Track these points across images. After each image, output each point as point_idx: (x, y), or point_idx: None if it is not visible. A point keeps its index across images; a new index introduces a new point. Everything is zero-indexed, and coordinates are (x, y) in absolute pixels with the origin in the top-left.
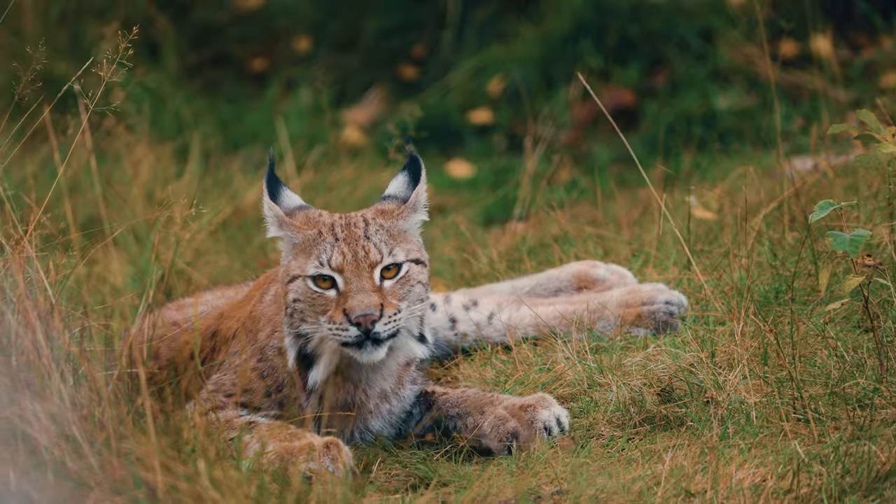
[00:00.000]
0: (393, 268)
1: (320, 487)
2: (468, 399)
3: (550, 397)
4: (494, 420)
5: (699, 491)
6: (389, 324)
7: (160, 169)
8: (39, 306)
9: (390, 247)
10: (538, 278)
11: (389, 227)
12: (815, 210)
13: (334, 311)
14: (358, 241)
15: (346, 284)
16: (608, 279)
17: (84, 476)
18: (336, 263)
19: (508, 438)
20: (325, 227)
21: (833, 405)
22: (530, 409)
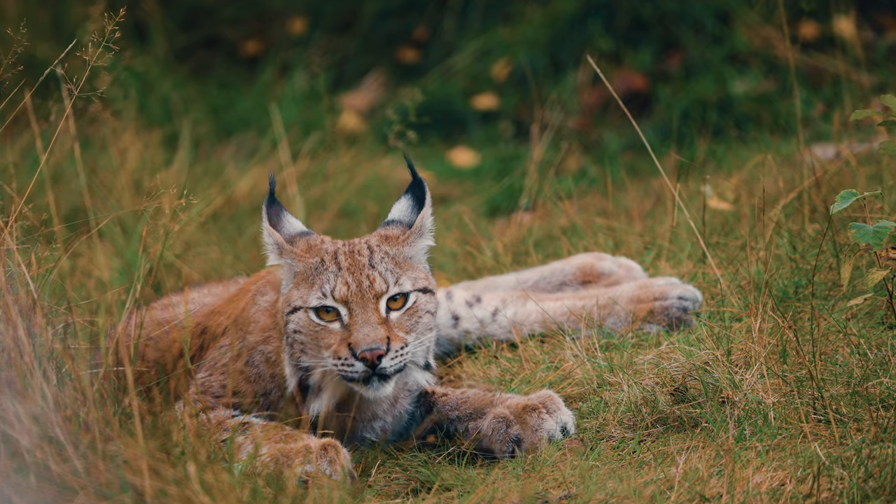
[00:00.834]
0: (399, 298)
1: (317, 491)
2: (468, 400)
3: (556, 397)
4: (495, 421)
5: (714, 495)
6: (396, 358)
7: (148, 157)
8: (21, 301)
9: (396, 276)
10: (542, 271)
11: (395, 255)
12: (836, 200)
13: (339, 346)
14: (362, 270)
15: (350, 317)
16: (615, 272)
17: (68, 480)
18: (340, 294)
19: (510, 444)
20: (327, 254)
21: (855, 405)
22: (535, 414)
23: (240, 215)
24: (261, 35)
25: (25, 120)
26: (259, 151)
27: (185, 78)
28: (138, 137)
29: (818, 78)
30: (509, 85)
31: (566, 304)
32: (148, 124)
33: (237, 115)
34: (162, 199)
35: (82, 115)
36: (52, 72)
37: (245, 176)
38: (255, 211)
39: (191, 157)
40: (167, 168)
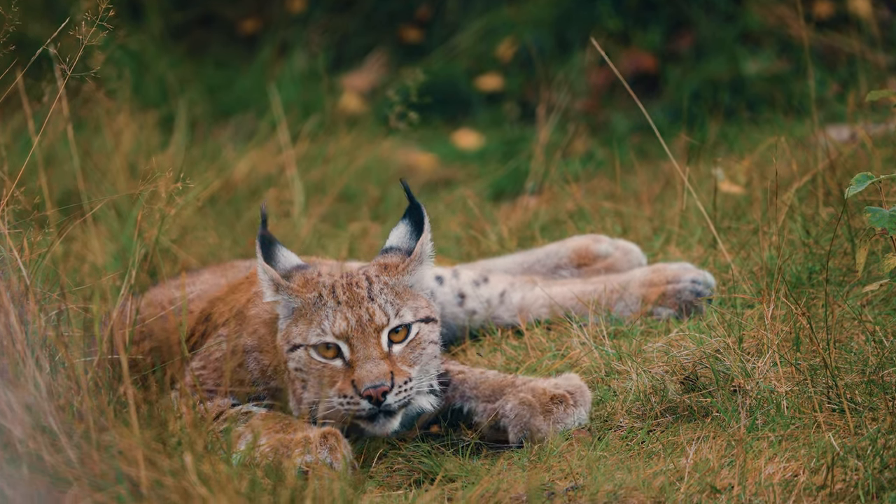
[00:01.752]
0: (401, 330)
1: (317, 482)
2: (487, 381)
3: (585, 388)
4: (520, 407)
5: (725, 486)
6: (401, 394)
7: (143, 139)
8: (13, 287)
9: (397, 307)
10: (537, 254)
11: (394, 285)
12: (851, 183)
13: (343, 383)
14: (361, 304)
15: (352, 353)
16: (612, 254)
17: (62, 470)
18: (340, 330)
19: (526, 432)
20: (325, 288)
21: (870, 394)
22: (562, 406)
23: (238, 199)
24: (259, 13)
25: (17, 101)
26: (258, 133)
27: (182, 57)
28: (133, 119)
29: (833, 58)
30: (514, 65)
31: (575, 289)
32: (143, 105)
33: (235, 95)
34: (158, 182)
35: (75, 95)
36: (45, 51)
37: (243, 158)
38: (253, 194)
39: (187, 139)
40: (163, 150)
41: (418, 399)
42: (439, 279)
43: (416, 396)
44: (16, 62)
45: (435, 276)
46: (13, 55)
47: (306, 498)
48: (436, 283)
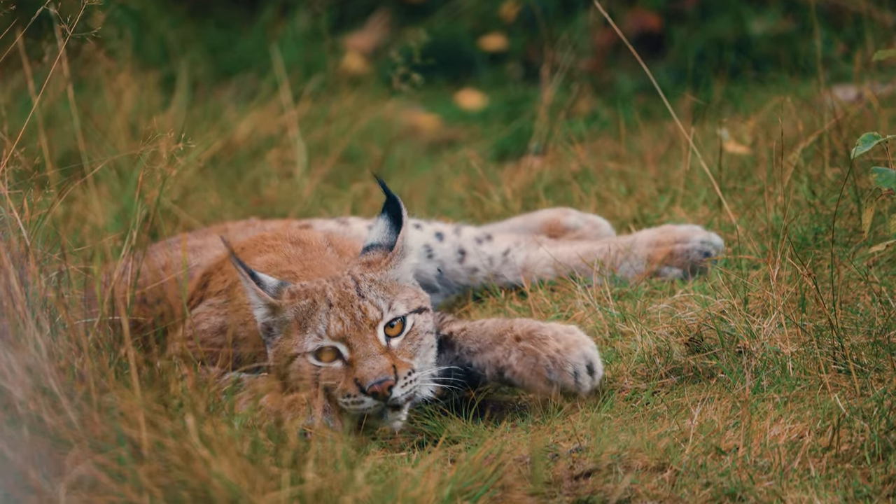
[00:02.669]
0: (397, 324)
1: (319, 444)
2: (487, 331)
3: (574, 328)
4: (523, 359)
5: (730, 448)
6: (406, 386)
7: (144, 99)
8: (13, 248)
9: (388, 301)
10: (506, 225)
11: (381, 280)
12: (858, 144)
13: (345, 383)
14: (353, 303)
15: (351, 352)
16: (581, 227)
17: (62, 432)
18: (336, 332)
19: (539, 376)
20: (317, 294)
21: (877, 355)
22: (539, 333)
23: (239, 160)
24: None
25: (17, 61)
26: (259, 93)
27: (183, 17)
28: (134, 79)
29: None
30: (518, 25)
31: (581, 249)
32: (144, 65)
33: (237, 55)
34: (159, 142)
35: (76, 55)
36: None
37: (245, 119)
38: (255, 155)
39: (188, 100)
40: (164, 111)
41: (423, 389)
42: (439, 235)
43: (420, 387)
44: (16, 22)
45: (435, 233)
46: (13, 15)
47: (308, 460)
48: (435, 240)
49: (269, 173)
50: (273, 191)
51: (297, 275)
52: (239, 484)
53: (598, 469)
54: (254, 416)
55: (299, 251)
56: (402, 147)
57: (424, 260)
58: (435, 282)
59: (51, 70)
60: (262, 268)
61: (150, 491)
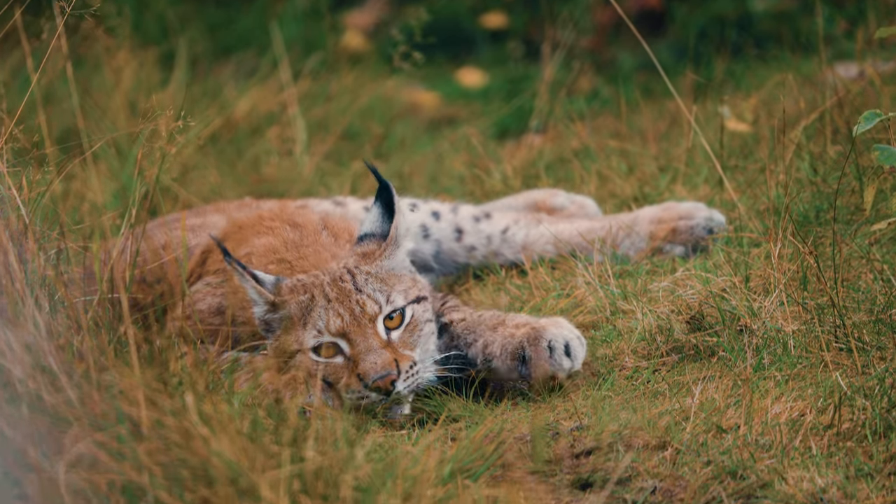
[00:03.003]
0: (396, 316)
1: (319, 423)
2: (483, 324)
3: (563, 320)
4: (503, 343)
5: (731, 426)
6: (409, 379)
7: (144, 76)
8: (12, 226)
9: (386, 294)
10: (494, 206)
11: (377, 272)
12: (859, 121)
13: (348, 378)
14: (350, 297)
15: (352, 348)
16: (567, 208)
17: (62, 410)
18: (335, 328)
19: (517, 356)
20: (316, 288)
21: (878, 333)
22: (536, 329)
23: (239, 137)
24: None
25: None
26: (259, 71)
27: None
28: (133, 56)
29: None
30: (519, 3)
31: (582, 226)
32: (143, 42)
33: (236, 33)
34: (158, 120)
35: (75, 32)
36: None
37: (244, 96)
38: (255, 133)
39: (188, 77)
40: (163, 88)
41: (423, 374)
42: (436, 215)
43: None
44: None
45: (431, 212)
46: None
47: (308, 438)
48: (432, 219)
49: (269, 151)
50: (273, 168)
51: (292, 265)
52: (239, 462)
53: (598, 447)
54: (253, 395)
55: (296, 235)
56: (402, 125)
57: (421, 240)
58: (431, 261)
59: (49, 47)
60: (261, 251)
61: (149, 469)
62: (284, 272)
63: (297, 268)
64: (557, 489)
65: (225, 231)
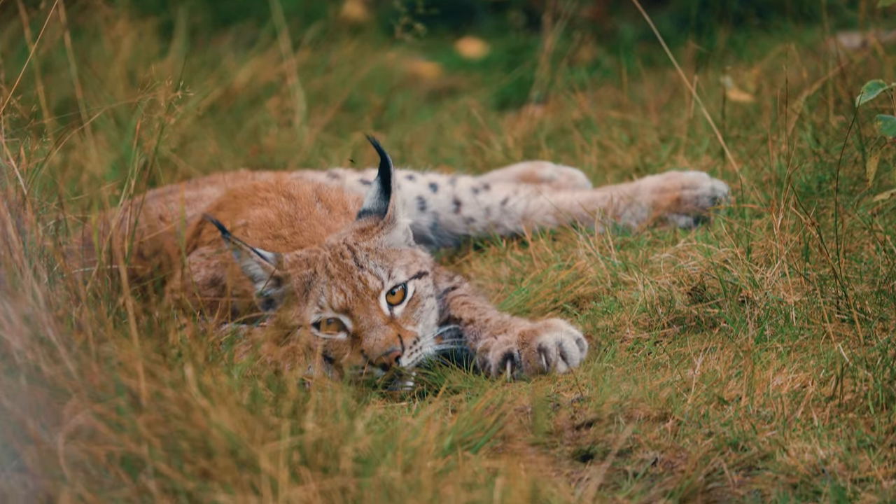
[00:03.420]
0: (398, 291)
1: (319, 394)
2: (488, 327)
3: (561, 321)
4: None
5: (733, 398)
6: (413, 355)
7: (142, 47)
8: (10, 197)
9: (387, 269)
10: (481, 180)
11: (377, 248)
12: (862, 91)
13: (351, 354)
14: (352, 273)
15: (355, 324)
16: (556, 179)
17: (60, 382)
18: (338, 304)
19: (503, 358)
20: (317, 264)
21: (881, 304)
22: (531, 333)
23: (238, 108)
24: None
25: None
26: (258, 41)
27: None
28: (132, 26)
29: None
30: None
31: (583, 197)
32: (142, 12)
33: (235, 3)
34: (157, 90)
35: (73, 2)
36: None
37: (244, 67)
38: (254, 103)
39: (187, 47)
40: (162, 58)
41: (427, 350)
42: (433, 186)
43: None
44: None
45: (429, 184)
46: None
47: (308, 410)
48: (429, 191)
49: (269, 122)
50: (272, 139)
51: (287, 240)
52: (238, 434)
53: (599, 419)
54: (253, 367)
55: (291, 207)
56: (402, 96)
57: (417, 212)
58: (429, 233)
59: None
60: (256, 224)
61: (148, 441)
62: (280, 248)
63: (293, 243)
64: (558, 461)
65: (220, 201)
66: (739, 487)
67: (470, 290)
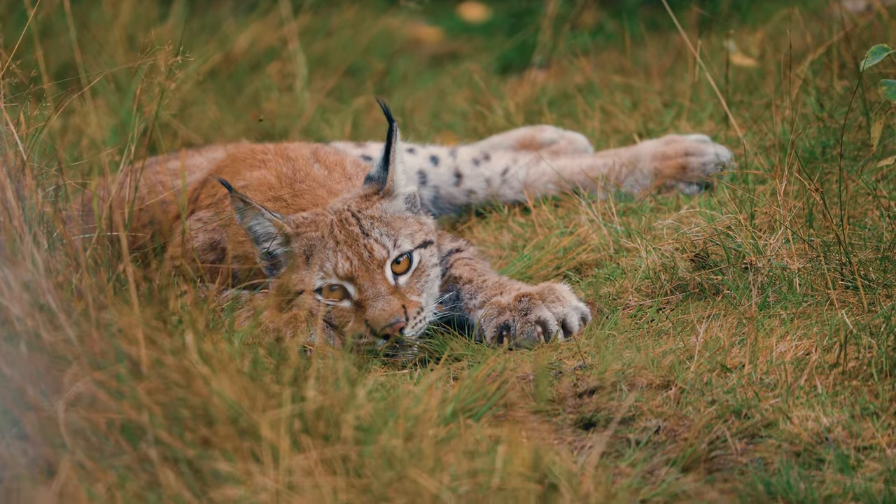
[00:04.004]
0: (403, 260)
1: (320, 362)
2: (485, 289)
3: (559, 287)
4: (488, 307)
5: (736, 365)
6: (417, 325)
7: (142, 10)
8: (9, 162)
9: (393, 238)
10: (481, 146)
11: (381, 216)
12: (867, 56)
13: (354, 323)
14: (358, 241)
15: (359, 293)
16: (557, 143)
17: (60, 349)
18: (344, 271)
19: (499, 329)
20: (324, 227)
21: (885, 271)
22: (526, 300)
23: (239, 73)
24: None
25: None
26: (259, 6)
27: None
28: None
29: None
30: None
31: (584, 163)
32: None
33: None
34: (157, 55)
35: None
36: None
37: (244, 31)
38: (254, 68)
39: (187, 12)
40: (162, 23)
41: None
42: (434, 159)
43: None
44: None
45: (430, 157)
46: None
47: (309, 377)
48: (430, 164)
49: (269, 87)
50: (273, 104)
51: (287, 202)
52: (239, 402)
53: (601, 387)
54: (254, 334)
55: (289, 169)
56: (404, 60)
57: (419, 186)
58: (430, 206)
59: None
60: (255, 185)
61: (149, 408)
62: (281, 210)
63: (294, 206)
64: (560, 429)
65: (219, 164)
66: (742, 455)
67: (475, 254)
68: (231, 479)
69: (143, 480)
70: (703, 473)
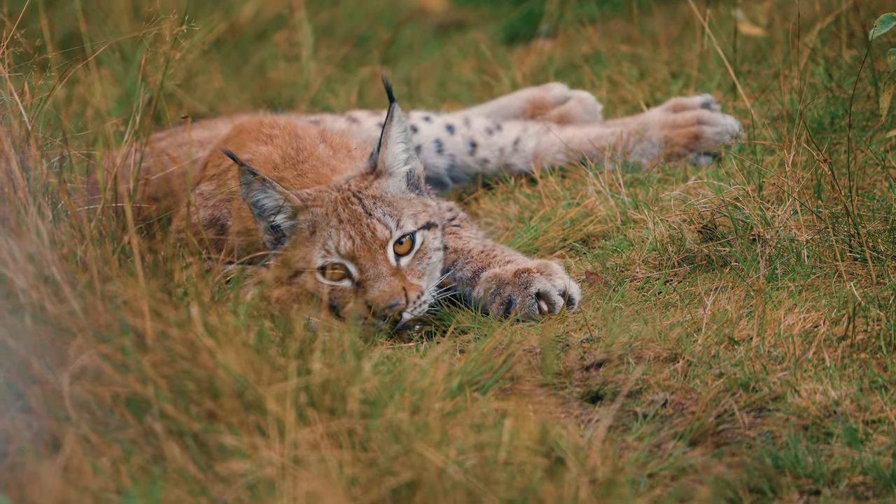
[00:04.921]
0: (406, 241)
1: (326, 335)
2: (471, 261)
3: (554, 264)
4: (486, 282)
5: (744, 338)
6: (416, 309)
7: None
8: (14, 132)
9: (396, 218)
10: (490, 107)
11: (381, 195)
12: (876, 24)
13: (355, 303)
14: (361, 220)
15: (361, 273)
16: (566, 101)
17: (65, 321)
18: (346, 250)
19: (502, 306)
20: (329, 205)
21: (893, 243)
22: (525, 274)
23: (244, 42)
24: None
25: None
26: None
27: None
28: None
29: None
30: None
31: (592, 133)
32: None
33: None
34: (162, 24)
35: None
36: None
37: (249, 0)
38: (260, 38)
39: None
40: None
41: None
42: (450, 128)
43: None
44: None
45: (446, 125)
46: None
47: (316, 350)
48: (446, 133)
49: (275, 56)
50: (279, 73)
51: (290, 182)
52: (245, 375)
53: (609, 359)
54: (259, 306)
55: (294, 147)
56: (410, 29)
57: (435, 155)
58: (445, 176)
59: None
60: (260, 161)
61: (154, 381)
62: None
63: (297, 185)
64: (567, 402)
65: (227, 135)
66: (750, 429)
67: (464, 219)
68: (236, 453)
69: (149, 454)
70: (711, 447)
